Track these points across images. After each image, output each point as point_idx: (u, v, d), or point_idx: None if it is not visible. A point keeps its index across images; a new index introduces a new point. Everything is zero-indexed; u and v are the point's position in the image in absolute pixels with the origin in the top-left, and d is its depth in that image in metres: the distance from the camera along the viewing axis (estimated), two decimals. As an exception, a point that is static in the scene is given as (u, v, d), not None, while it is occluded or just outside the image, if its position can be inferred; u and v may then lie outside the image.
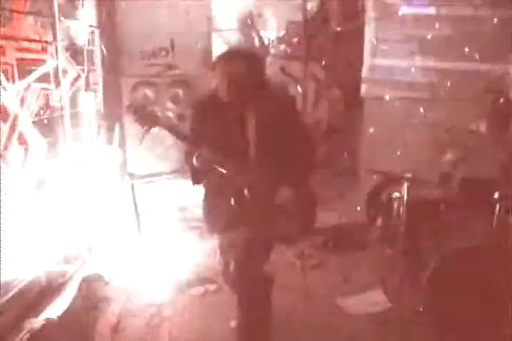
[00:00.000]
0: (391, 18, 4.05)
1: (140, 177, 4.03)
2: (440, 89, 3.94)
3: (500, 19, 3.79)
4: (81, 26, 3.43)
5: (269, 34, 4.32)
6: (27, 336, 2.61)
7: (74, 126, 3.37)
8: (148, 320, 2.94)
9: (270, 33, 4.32)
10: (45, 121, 3.00)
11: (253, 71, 2.20)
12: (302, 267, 3.46)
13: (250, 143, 2.24)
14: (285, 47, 4.34)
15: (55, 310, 2.97)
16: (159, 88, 4.23)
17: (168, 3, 3.91)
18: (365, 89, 4.22)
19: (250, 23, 4.26)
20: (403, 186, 3.15)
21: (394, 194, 3.36)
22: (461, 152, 3.31)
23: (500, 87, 3.70)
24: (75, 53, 3.36)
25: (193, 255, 3.87)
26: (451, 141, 3.41)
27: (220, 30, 4.27)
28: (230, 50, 2.51)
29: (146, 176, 4.13)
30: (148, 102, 4.23)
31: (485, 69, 3.83)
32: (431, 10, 4.01)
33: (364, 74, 4.21)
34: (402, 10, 4.04)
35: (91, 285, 3.24)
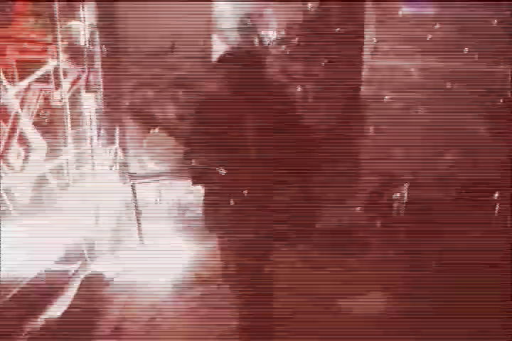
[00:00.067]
0: (391, 18, 4.05)
1: (140, 177, 4.03)
2: (440, 89, 3.94)
3: (500, 19, 3.79)
4: (81, 27, 3.44)
5: (269, 34, 4.31)
6: (27, 336, 2.62)
7: (74, 126, 3.38)
8: (148, 320, 2.94)
9: (270, 33, 4.32)
10: (46, 122, 3.01)
11: (253, 71, 2.20)
12: (302, 267, 3.46)
13: (250, 143, 2.24)
14: (285, 47, 4.34)
15: (55, 309, 2.98)
16: (159, 88, 4.22)
17: (168, 4, 3.91)
18: (365, 90, 4.22)
19: (250, 23, 4.26)
20: (403, 187, 3.17)
21: (394, 194, 3.37)
22: (461, 153, 3.31)
23: (500, 87, 3.71)
24: (75, 54, 3.36)
25: (193, 255, 3.87)
26: (451, 141, 3.41)
27: (220, 30, 4.27)
28: (230, 51, 2.52)
29: (146, 176, 4.12)
30: (148, 102, 4.23)
31: (485, 70, 3.83)
32: (431, 10, 4.01)
33: (364, 75, 4.21)
34: (402, 10, 4.04)
35: (91, 285, 3.25)
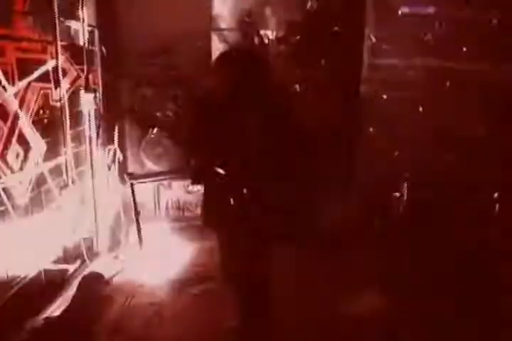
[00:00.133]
0: (391, 18, 4.05)
1: (139, 177, 4.03)
2: (440, 89, 3.94)
3: (500, 19, 3.79)
4: (81, 26, 3.44)
5: (268, 34, 4.31)
6: (27, 335, 2.63)
7: (74, 126, 3.38)
8: (147, 319, 2.94)
9: (269, 32, 4.32)
10: (45, 121, 3.01)
11: (253, 71, 2.20)
12: (301, 267, 3.46)
13: (250, 143, 2.24)
14: (285, 47, 4.33)
15: (55, 309, 2.98)
16: (159, 88, 4.23)
17: (168, 3, 3.91)
18: (365, 89, 4.22)
19: (250, 22, 4.26)
20: (403, 186, 3.17)
21: (394, 194, 3.38)
22: (460, 152, 3.31)
23: (500, 88, 3.71)
24: (74, 53, 3.36)
25: (193, 254, 3.88)
26: (451, 141, 3.41)
27: (219, 30, 4.27)
28: (230, 51, 2.52)
29: (145, 176, 4.13)
30: (147, 102, 4.23)
31: (485, 70, 3.83)
32: (431, 10, 4.01)
33: (364, 74, 4.21)
34: (402, 10, 4.04)
35: (91, 284, 3.25)
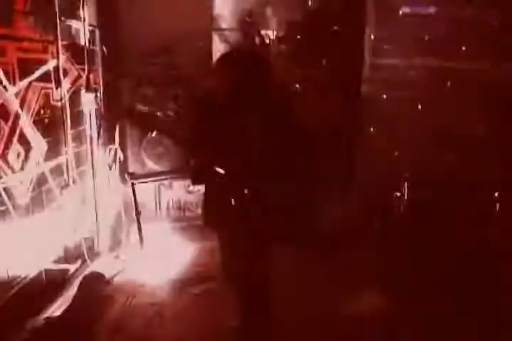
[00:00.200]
0: (391, 17, 4.05)
1: (140, 177, 4.03)
2: (440, 89, 3.94)
3: (500, 19, 3.79)
4: (82, 26, 3.44)
5: (269, 34, 4.32)
6: (28, 335, 2.63)
7: (74, 125, 3.38)
8: (148, 319, 2.95)
9: (270, 32, 4.32)
10: (46, 121, 3.01)
11: (254, 71, 2.20)
12: (302, 267, 3.47)
13: (251, 142, 2.24)
14: (285, 46, 4.34)
15: (55, 309, 2.98)
16: (159, 88, 4.23)
17: (168, 3, 3.91)
18: (365, 89, 4.22)
19: (251, 22, 4.26)
20: (403, 186, 3.17)
21: (394, 194, 3.38)
22: (460, 152, 3.31)
23: (501, 87, 3.71)
24: (75, 53, 3.36)
25: (193, 254, 3.88)
26: (451, 141, 3.42)
27: (220, 30, 4.27)
28: (231, 51, 2.52)
29: (146, 176, 4.13)
30: (148, 102, 4.24)
31: (485, 69, 3.83)
32: (431, 10, 4.01)
33: (364, 74, 4.21)
34: (403, 10, 4.04)
35: (91, 284, 3.25)
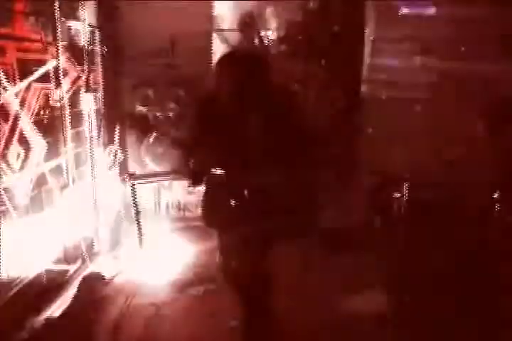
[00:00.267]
0: (391, 18, 4.05)
1: (140, 177, 4.03)
2: (440, 89, 3.94)
3: (500, 19, 3.79)
4: (82, 26, 3.44)
5: (269, 34, 4.32)
6: (27, 335, 2.63)
7: (74, 125, 3.38)
8: (148, 320, 2.94)
9: (270, 33, 4.32)
10: (46, 121, 3.01)
11: (256, 72, 2.20)
12: (302, 267, 3.47)
13: (252, 143, 2.24)
14: (285, 47, 4.34)
15: (55, 309, 2.98)
16: (159, 88, 4.23)
17: (168, 3, 3.91)
18: (365, 89, 4.22)
19: (251, 23, 4.26)
20: (403, 186, 3.17)
21: (394, 194, 3.38)
22: (460, 152, 3.32)
23: (500, 87, 3.71)
24: (75, 53, 3.37)
25: (193, 255, 3.88)
26: (451, 141, 3.42)
27: (220, 30, 4.27)
28: (231, 52, 2.52)
29: (145, 176, 4.13)
30: (148, 103, 4.24)
31: (485, 70, 3.83)
32: (431, 10, 4.01)
33: (364, 74, 4.22)
34: (402, 10, 4.05)
35: (91, 284, 3.25)
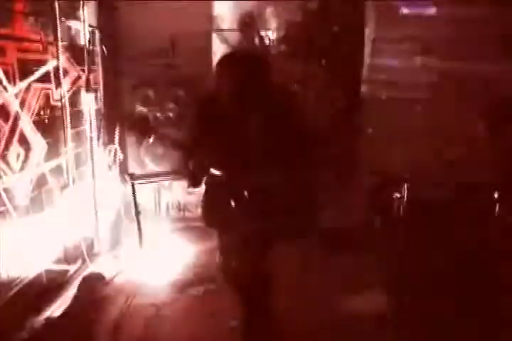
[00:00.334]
0: (391, 18, 4.05)
1: (140, 177, 4.03)
2: (440, 89, 3.94)
3: (500, 19, 3.79)
4: (82, 26, 3.44)
5: (269, 34, 4.32)
6: (27, 335, 2.63)
7: (74, 126, 3.38)
8: (148, 320, 2.94)
9: (270, 33, 4.32)
10: (46, 121, 3.01)
11: (256, 72, 2.19)
12: (302, 267, 3.47)
13: (252, 143, 2.24)
14: (285, 47, 4.34)
15: (55, 309, 2.98)
16: (159, 88, 4.23)
17: (168, 3, 3.91)
18: (365, 89, 4.22)
19: (250, 23, 4.26)
20: (403, 186, 3.17)
21: (394, 194, 3.37)
22: (460, 152, 3.32)
23: (501, 87, 3.71)
24: (75, 53, 3.37)
25: (193, 255, 3.88)
26: (451, 141, 3.42)
27: (220, 30, 4.27)
28: (233, 52, 2.52)
29: (145, 176, 4.13)
30: (148, 103, 4.24)
31: (485, 70, 3.83)
32: (431, 10, 4.01)
33: (364, 75, 4.22)
34: (402, 10, 4.05)
35: (91, 284, 3.25)
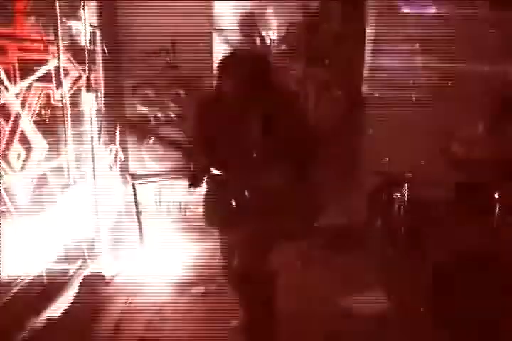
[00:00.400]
0: (391, 18, 4.06)
1: (141, 177, 4.03)
2: (440, 89, 3.95)
3: (500, 19, 3.80)
4: (82, 26, 3.44)
5: (270, 34, 4.32)
6: (28, 335, 2.63)
7: (75, 125, 3.38)
8: (148, 320, 2.94)
9: (271, 33, 4.32)
10: (47, 121, 3.01)
11: (257, 73, 2.20)
12: (302, 267, 3.47)
13: (253, 143, 2.24)
14: (286, 47, 4.34)
15: (56, 309, 2.98)
16: (160, 88, 4.23)
17: (169, 3, 3.91)
18: (365, 90, 4.22)
19: (251, 23, 4.26)
20: (403, 186, 3.17)
21: (394, 194, 3.38)
22: (460, 152, 3.32)
23: (500, 88, 3.71)
24: (76, 53, 3.37)
25: (193, 255, 3.88)
26: (451, 141, 3.42)
27: (221, 30, 4.27)
28: (234, 52, 2.52)
29: (146, 176, 4.13)
30: (148, 103, 4.25)
31: (485, 70, 3.83)
32: (431, 10, 4.01)
33: (365, 75, 4.22)
34: (402, 10, 4.05)
35: (92, 284, 3.25)
